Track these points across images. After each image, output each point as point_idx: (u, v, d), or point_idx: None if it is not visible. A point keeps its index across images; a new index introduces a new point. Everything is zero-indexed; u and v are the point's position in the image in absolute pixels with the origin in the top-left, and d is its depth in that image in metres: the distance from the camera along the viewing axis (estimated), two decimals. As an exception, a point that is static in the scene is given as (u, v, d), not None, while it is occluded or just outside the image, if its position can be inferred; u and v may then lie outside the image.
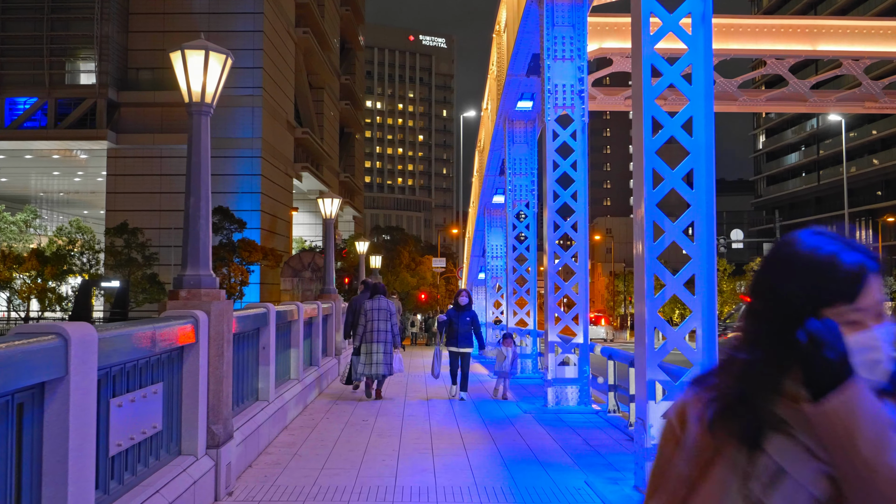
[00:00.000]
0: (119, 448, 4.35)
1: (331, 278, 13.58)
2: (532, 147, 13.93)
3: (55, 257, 46.16)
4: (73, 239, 48.93)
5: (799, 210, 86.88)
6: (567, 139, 10.26)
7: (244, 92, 55.78)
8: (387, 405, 11.33)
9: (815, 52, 14.92)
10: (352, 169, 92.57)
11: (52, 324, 3.52)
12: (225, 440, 5.99)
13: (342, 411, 10.50)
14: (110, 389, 4.29)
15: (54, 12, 55.44)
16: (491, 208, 20.18)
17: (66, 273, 46.08)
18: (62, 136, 54.32)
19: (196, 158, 5.95)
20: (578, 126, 10.19)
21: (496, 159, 16.62)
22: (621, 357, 9.50)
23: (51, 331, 3.45)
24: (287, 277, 38.43)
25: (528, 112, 13.64)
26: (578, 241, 10.46)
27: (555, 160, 10.07)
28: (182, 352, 5.54)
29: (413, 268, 70.49)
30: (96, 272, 47.67)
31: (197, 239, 6.03)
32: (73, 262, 46.92)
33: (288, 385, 9.53)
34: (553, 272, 10.64)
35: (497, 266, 20.22)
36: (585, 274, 10.39)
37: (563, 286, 10.81)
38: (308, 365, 11.58)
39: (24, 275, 45.62)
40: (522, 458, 7.48)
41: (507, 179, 13.69)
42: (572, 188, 10.47)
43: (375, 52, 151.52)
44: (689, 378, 2.01)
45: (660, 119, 6.04)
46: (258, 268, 50.29)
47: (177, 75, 5.84)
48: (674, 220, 6.12)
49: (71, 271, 46.56)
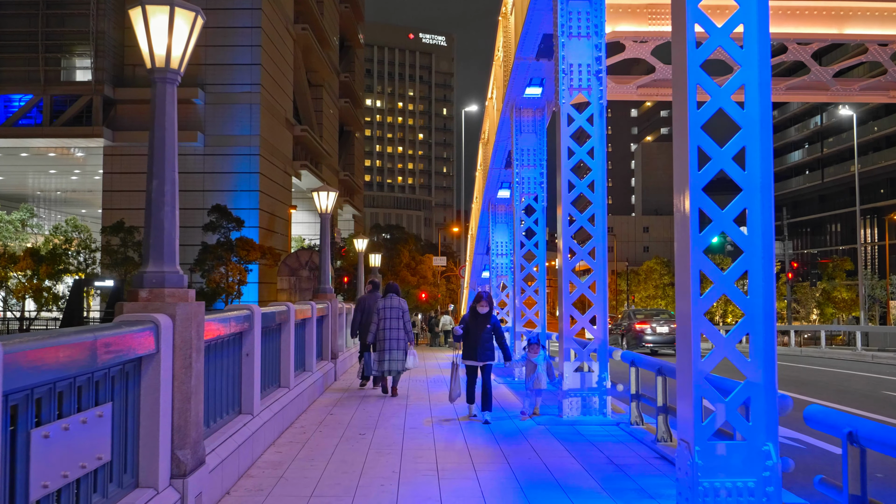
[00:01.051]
0: (46, 490, 3.44)
1: (326, 277, 12.60)
2: (541, 137, 12.94)
3: (50, 256, 45.54)
4: (70, 238, 48.17)
5: (802, 208, 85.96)
6: (583, 124, 9.29)
7: (242, 89, 55.06)
8: (387, 414, 10.46)
9: (841, 35, 13.96)
10: (351, 167, 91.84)
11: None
12: (194, 467, 5.08)
13: (337, 422, 9.60)
14: (31, 417, 3.38)
15: (49, 8, 54.65)
16: (496, 203, 19.22)
17: (61, 272, 45.49)
18: (58, 134, 53.58)
19: (160, 133, 5.03)
20: (596, 109, 9.25)
21: (502, 151, 15.65)
22: (646, 364, 8.60)
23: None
24: (284, 276, 37.50)
25: (536, 99, 12.63)
26: (596, 235, 9.52)
27: (570, 147, 9.07)
28: (139, 364, 4.62)
29: (413, 267, 69.70)
30: (93, 271, 47.02)
31: (161, 229, 5.12)
32: (69, 262, 46.36)
33: (276, 395, 8.61)
34: (568, 270, 9.66)
35: (502, 264, 19.22)
36: (604, 271, 9.46)
37: (579, 285, 9.78)
38: (301, 370, 10.69)
39: (19, 274, 44.92)
40: (541, 481, 6.55)
41: (515, 172, 12.69)
42: (589, 178, 9.50)
43: (375, 50, 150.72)
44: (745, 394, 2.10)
45: (706, 89, 5.21)
46: (257, 267, 49.61)
47: (137, 37, 4.92)
48: (722, 207, 5.24)
49: (67, 270, 45.97)
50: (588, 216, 9.62)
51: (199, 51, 55.02)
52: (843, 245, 76.44)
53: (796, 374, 19.75)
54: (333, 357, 12.84)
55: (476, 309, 9.94)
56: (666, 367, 7.97)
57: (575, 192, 9.59)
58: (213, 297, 46.18)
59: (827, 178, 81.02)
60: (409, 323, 12.12)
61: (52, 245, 47.16)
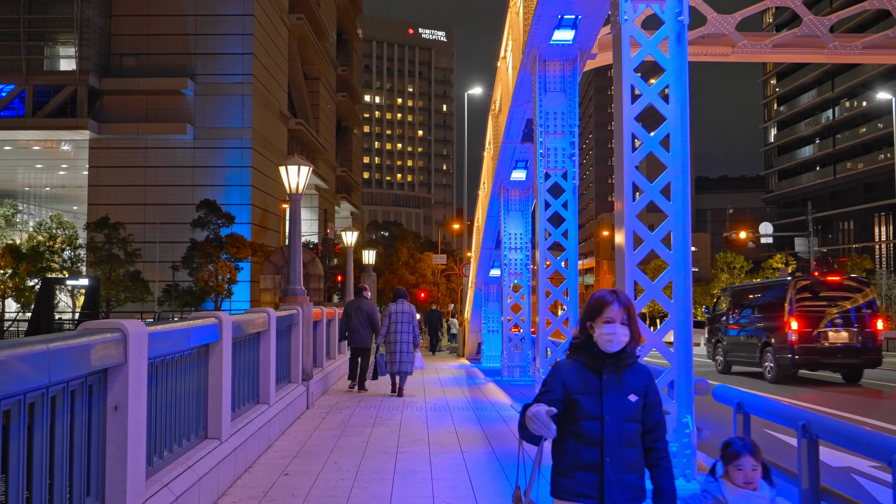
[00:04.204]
0: None
1: (297, 276, 9.70)
2: (572, 97, 10.07)
3: (32, 253, 43.30)
4: (54, 235, 45.94)
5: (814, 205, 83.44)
6: (654, 50, 6.52)
7: (234, 79, 52.77)
8: (378, 436, 8.28)
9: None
10: (349, 164, 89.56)
11: None
12: None
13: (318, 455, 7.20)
14: None
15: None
16: (509, 187, 16.39)
17: (44, 270, 43.20)
18: (41, 126, 51.38)
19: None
20: (672, 34, 6.43)
21: (518, 120, 12.86)
22: None
23: None
24: (268, 275, 35.05)
25: (566, 46, 9.86)
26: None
27: (633, 84, 6.32)
28: None
29: (412, 265, 67.34)
30: (78, 269, 44.78)
31: None
32: (53, 259, 44.18)
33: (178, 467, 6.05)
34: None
35: (515, 260, 16.30)
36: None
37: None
38: (251, 403, 7.89)
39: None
40: None
41: (538, 141, 10.01)
42: (662, 132, 6.68)
43: (374, 45, 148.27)
44: None
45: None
46: (248, 265, 47.35)
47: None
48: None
49: (49, 268, 43.70)
50: (662, 186, 7.01)
51: (189, 39, 52.71)
52: (857, 243, 74.01)
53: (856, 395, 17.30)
54: (306, 378, 10.05)
55: (601, 348, 3.14)
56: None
57: (643, 149, 6.92)
58: (201, 296, 43.87)
59: (839, 175, 78.62)
60: (416, 327, 12.82)
61: (36, 242, 44.97)
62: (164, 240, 48.28)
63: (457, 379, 16.40)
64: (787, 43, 15.56)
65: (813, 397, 14.34)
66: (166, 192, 51.86)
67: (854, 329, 16.91)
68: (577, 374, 3.10)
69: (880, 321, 17.76)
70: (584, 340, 3.14)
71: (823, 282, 18.18)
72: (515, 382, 15.89)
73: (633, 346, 3.14)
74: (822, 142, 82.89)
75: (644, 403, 3.11)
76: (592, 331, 3.11)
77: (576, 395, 3.06)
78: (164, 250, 47.45)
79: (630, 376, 3.11)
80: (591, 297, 3.20)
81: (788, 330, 16.91)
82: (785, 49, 15.79)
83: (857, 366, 17.27)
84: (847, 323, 17.00)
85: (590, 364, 3.10)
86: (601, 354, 3.09)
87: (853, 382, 17.35)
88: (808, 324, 16.93)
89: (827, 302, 17.30)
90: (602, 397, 3.05)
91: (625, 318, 3.09)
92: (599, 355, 3.09)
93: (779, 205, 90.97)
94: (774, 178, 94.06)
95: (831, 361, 17.08)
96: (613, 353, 3.08)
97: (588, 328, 3.13)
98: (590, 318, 3.12)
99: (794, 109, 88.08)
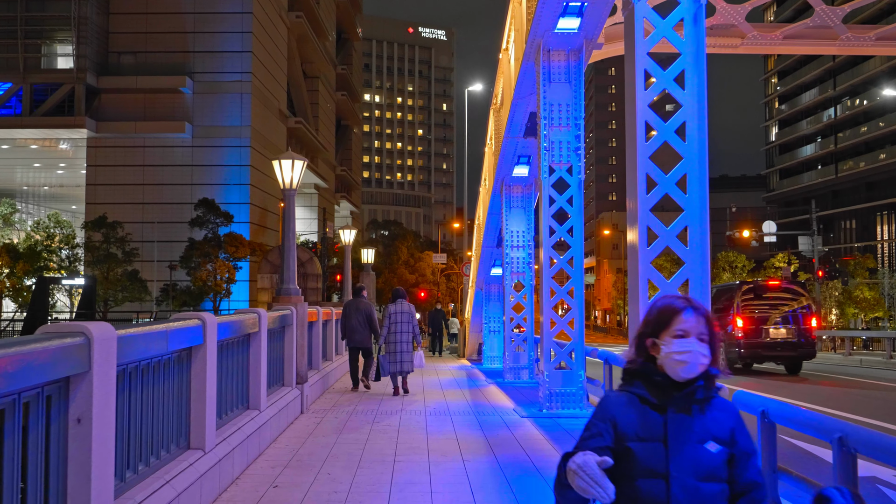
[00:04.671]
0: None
1: (291, 275, 9.23)
2: (577, 88, 9.61)
3: (29, 253, 42.96)
4: (51, 234, 45.63)
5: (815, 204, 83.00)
6: (669, 32, 6.13)
7: (232, 77, 52.38)
8: (375, 443, 7.92)
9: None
10: (349, 163, 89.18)
11: None
12: None
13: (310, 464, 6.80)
14: None
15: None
16: (511, 183, 15.92)
17: (41, 269, 42.87)
18: (38, 124, 51.02)
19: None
20: (688, 15, 6.00)
21: (521, 113, 12.41)
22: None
23: None
24: (266, 274, 34.64)
25: (572, 35, 9.47)
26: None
27: (646, 69, 5.90)
28: None
29: (412, 264, 66.96)
30: (75, 269, 44.44)
31: None
32: (50, 258, 43.87)
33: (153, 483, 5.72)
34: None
35: (518, 258, 15.85)
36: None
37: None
38: (240, 409, 7.51)
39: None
40: None
41: (542, 135, 9.59)
42: (677, 119, 6.29)
43: (374, 44, 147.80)
44: None
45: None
46: (247, 264, 46.95)
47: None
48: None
49: (47, 268, 43.37)
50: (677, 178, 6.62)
51: (187, 37, 52.31)
52: (859, 242, 73.58)
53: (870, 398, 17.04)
54: (300, 382, 9.60)
55: (669, 375, 2.28)
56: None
57: (658, 139, 6.51)
58: (199, 296, 43.50)
59: (841, 173, 78.17)
60: (416, 327, 13.11)
61: (33, 241, 44.68)
62: (163, 239, 47.90)
63: (457, 381, 15.98)
64: (798, 34, 15.05)
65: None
66: (164, 190, 51.52)
67: (791, 326, 19.58)
68: (632, 412, 2.23)
69: (814, 319, 20.47)
70: (643, 365, 2.28)
71: (765, 286, 20.96)
72: (518, 385, 15.43)
73: (712, 373, 2.25)
74: (824, 140, 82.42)
75: (730, 454, 2.22)
76: (656, 351, 2.26)
77: (629, 441, 2.19)
78: (163, 249, 47.07)
79: (708, 416, 2.23)
80: (654, 305, 2.34)
81: (735, 328, 19.46)
82: (796, 40, 15.14)
83: (795, 358, 19.71)
84: (785, 321, 19.69)
85: (650, 398, 2.23)
86: (667, 384, 2.23)
87: (794, 374, 19.68)
88: (751, 322, 19.60)
89: (768, 304, 20.01)
90: (667, 446, 2.18)
91: (703, 331, 2.23)
92: (664, 385, 2.23)
93: (780, 204, 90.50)
94: (776, 176, 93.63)
95: (772, 354, 19.60)
96: (686, 380, 2.21)
97: (649, 347, 2.28)
98: (652, 332, 2.27)
99: (796, 108, 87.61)
